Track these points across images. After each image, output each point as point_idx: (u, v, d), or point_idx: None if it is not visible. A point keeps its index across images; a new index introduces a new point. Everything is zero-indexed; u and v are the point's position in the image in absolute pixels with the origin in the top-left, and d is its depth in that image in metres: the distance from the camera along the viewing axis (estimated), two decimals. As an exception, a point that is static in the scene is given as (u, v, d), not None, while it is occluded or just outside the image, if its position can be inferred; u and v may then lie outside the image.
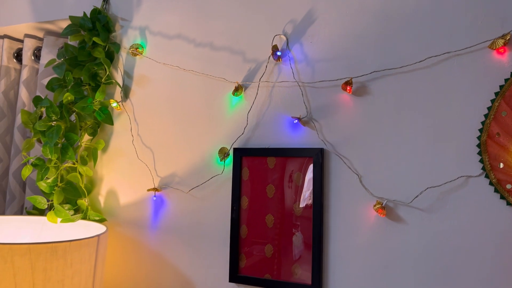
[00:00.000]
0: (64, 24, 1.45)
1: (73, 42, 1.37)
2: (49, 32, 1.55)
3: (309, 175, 1.02)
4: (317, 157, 1.01)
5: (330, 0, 1.04)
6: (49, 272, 0.93)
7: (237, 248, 1.08)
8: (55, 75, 1.49)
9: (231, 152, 1.11)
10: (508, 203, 0.84)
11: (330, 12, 1.04)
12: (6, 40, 1.60)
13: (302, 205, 1.03)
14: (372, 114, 0.98)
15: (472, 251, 0.87)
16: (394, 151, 0.95)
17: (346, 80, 0.99)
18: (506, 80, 0.85)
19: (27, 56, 1.56)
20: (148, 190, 1.20)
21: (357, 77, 0.99)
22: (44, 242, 0.93)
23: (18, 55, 1.62)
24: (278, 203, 1.05)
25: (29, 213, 1.34)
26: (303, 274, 1.01)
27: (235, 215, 1.09)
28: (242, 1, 1.14)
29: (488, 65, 0.88)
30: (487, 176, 0.86)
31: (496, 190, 0.85)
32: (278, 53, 1.06)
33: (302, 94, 1.05)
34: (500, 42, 0.85)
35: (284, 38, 1.08)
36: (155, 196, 1.20)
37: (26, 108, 1.55)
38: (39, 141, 1.31)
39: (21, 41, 1.63)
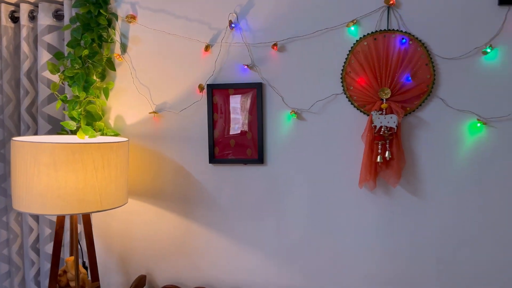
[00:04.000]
0: (60, -6, 1.94)
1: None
2: (41, -1, 2.02)
3: (253, 98, 1.79)
4: (258, 88, 1.77)
5: (263, -7, 1.76)
6: (110, 159, 1.59)
7: (212, 143, 1.83)
8: (51, 34, 1.99)
9: (205, 86, 1.82)
10: (352, 103, 1.70)
11: (264, 1, 1.75)
12: (2, 4, 2.02)
13: (250, 115, 1.79)
14: (288, 63, 1.75)
15: (340, 131, 1.73)
16: (300, 83, 1.75)
17: (273, 42, 1.74)
18: (354, 43, 1.68)
19: (24, 18, 2.01)
20: (150, 113, 1.86)
21: (280, 41, 1.74)
22: (106, 141, 1.58)
23: (11, 16, 2.06)
24: (236, 115, 1.81)
25: (59, 133, 1.91)
26: (253, 154, 1.81)
27: (210, 123, 1.82)
28: (206, -11, 1.80)
29: (346, 35, 1.69)
30: (345, 93, 1.71)
31: (349, 100, 1.70)
32: (233, 25, 1.76)
33: (248, 50, 1.78)
34: (351, 23, 1.67)
35: (235, 15, 1.78)
36: (153, 116, 1.87)
37: (28, 60, 2.04)
38: (61, 83, 1.86)
39: (13, 4, 2.06)
